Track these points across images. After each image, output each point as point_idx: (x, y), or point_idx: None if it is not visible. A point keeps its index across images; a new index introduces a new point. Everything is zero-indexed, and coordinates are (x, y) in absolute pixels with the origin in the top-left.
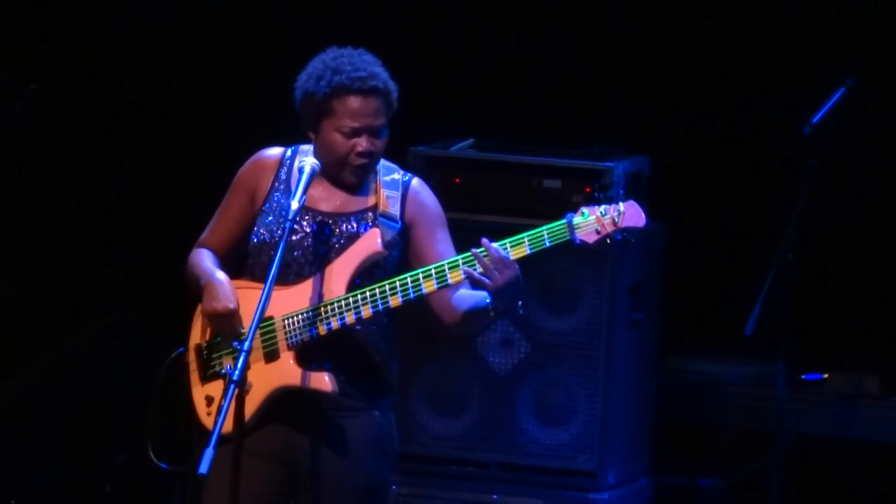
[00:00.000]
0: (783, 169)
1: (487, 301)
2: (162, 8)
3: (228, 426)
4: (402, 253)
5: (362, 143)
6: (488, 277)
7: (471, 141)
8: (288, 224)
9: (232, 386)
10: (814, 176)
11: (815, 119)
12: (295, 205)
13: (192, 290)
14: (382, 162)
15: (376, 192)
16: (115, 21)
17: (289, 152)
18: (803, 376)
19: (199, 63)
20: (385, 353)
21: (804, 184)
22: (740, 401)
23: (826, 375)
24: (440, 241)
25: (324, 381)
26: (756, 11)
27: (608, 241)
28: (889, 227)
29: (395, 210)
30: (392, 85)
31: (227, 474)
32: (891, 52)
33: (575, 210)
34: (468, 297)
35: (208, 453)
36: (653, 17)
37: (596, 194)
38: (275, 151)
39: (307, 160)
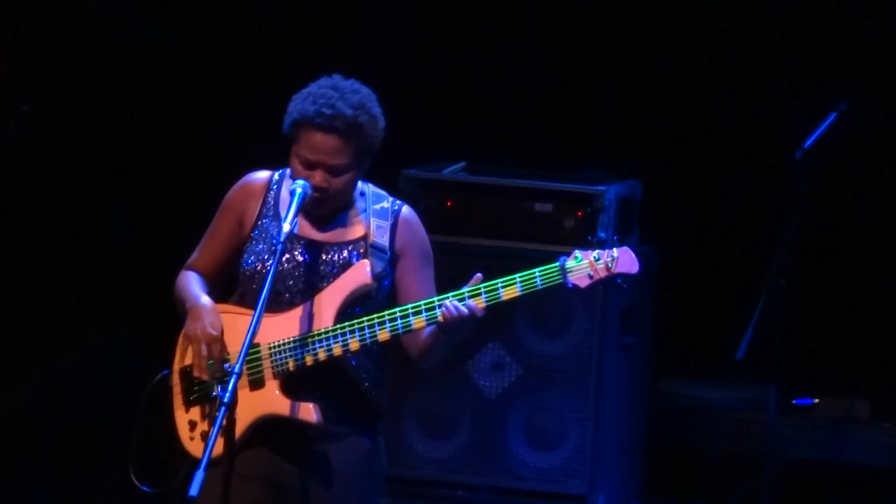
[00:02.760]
0: (775, 193)
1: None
2: (153, 28)
3: (218, 449)
4: (392, 282)
5: (315, 178)
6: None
7: (463, 164)
8: (280, 246)
9: (223, 409)
10: (805, 200)
11: (807, 144)
12: (286, 227)
13: (180, 312)
14: (372, 189)
15: (367, 221)
16: (106, 42)
17: (276, 176)
18: (794, 401)
19: (192, 82)
20: (374, 379)
21: (796, 208)
22: (731, 425)
23: (817, 400)
24: (424, 280)
25: (309, 412)
26: (748, 36)
27: (601, 286)
28: (880, 252)
29: (384, 240)
30: (369, 129)
31: (215, 496)
32: (883, 77)
33: (568, 253)
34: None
35: (199, 476)
36: (645, 41)
37: (589, 237)
38: (262, 175)
39: (299, 182)
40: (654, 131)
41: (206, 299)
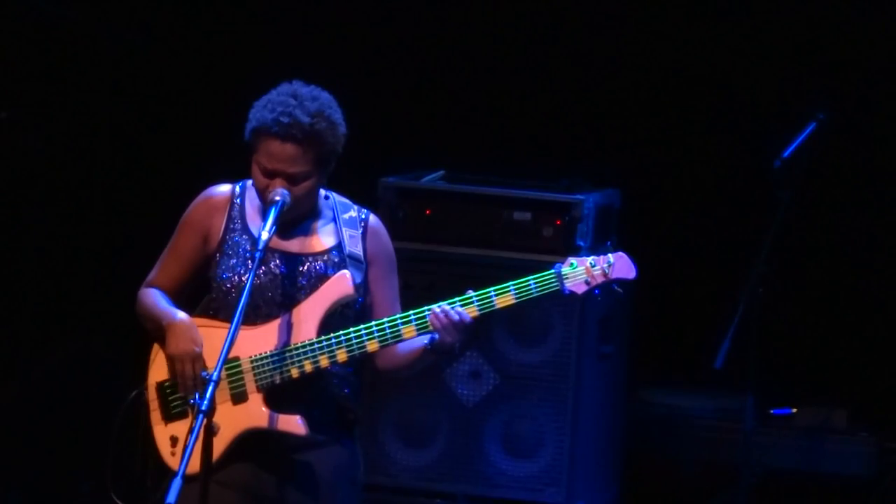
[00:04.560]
0: (753, 202)
1: (425, 342)
2: (129, 38)
3: (197, 458)
4: (365, 290)
5: (275, 185)
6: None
7: (441, 172)
8: (258, 254)
9: (200, 416)
10: (784, 209)
11: (786, 153)
12: (265, 235)
13: (149, 329)
14: (337, 198)
15: (338, 231)
16: (81, 52)
17: (237, 188)
18: (772, 410)
19: (168, 92)
20: (353, 387)
21: (774, 217)
22: (709, 434)
23: (794, 409)
24: (391, 287)
25: (296, 424)
26: (727, 45)
27: (596, 291)
28: (859, 262)
29: (358, 250)
30: (328, 136)
31: None
32: (862, 87)
33: (563, 261)
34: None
35: (176, 483)
36: (623, 50)
37: (578, 243)
38: (224, 189)
39: (278, 192)
40: (633, 140)
41: (182, 315)
